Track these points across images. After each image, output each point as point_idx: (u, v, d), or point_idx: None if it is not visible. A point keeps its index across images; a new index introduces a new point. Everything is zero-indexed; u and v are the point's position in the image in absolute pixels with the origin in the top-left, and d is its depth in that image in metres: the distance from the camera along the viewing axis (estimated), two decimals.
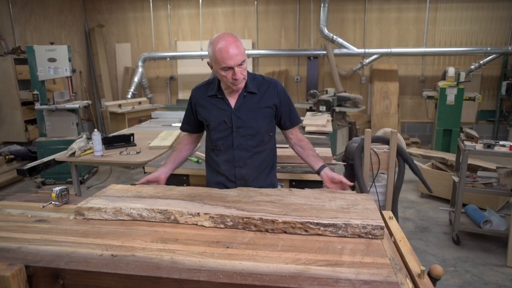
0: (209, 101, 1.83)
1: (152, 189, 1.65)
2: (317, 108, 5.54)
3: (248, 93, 1.80)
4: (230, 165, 1.85)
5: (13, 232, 1.32)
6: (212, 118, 1.82)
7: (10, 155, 5.29)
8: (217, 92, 1.81)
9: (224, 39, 1.61)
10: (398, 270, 1.09)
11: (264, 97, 1.81)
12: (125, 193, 1.59)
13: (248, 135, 1.81)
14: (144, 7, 7.65)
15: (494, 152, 3.10)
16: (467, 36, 6.92)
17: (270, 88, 1.82)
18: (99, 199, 1.52)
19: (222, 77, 1.69)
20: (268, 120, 1.84)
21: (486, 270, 2.90)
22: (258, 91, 1.81)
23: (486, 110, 7.14)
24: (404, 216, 3.91)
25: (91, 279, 1.08)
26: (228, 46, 1.60)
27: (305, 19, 7.32)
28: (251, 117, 1.79)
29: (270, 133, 1.88)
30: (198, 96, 1.86)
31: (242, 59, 1.64)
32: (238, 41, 1.64)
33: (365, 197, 1.53)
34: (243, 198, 1.50)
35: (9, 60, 5.31)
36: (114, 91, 8.06)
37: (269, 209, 1.38)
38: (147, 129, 4.15)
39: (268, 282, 1.01)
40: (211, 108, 1.82)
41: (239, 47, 1.62)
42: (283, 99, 1.85)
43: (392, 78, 7.14)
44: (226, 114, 1.80)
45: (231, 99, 1.81)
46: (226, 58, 1.60)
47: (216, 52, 1.61)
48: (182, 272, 1.05)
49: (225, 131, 1.81)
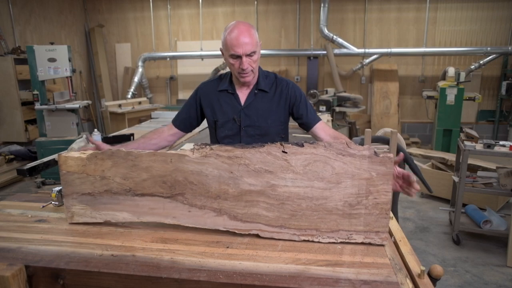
0: (219, 96, 1.75)
1: (114, 169, 1.32)
2: (317, 108, 5.54)
3: (259, 91, 1.73)
4: None
5: (13, 232, 1.32)
6: (221, 114, 1.75)
7: (10, 155, 5.29)
8: (228, 87, 1.74)
9: (237, 27, 1.58)
10: (398, 270, 1.09)
11: (276, 97, 1.74)
12: (89, 182, 1.35)
13: (256, 135, 1.73)
14: (144, 7, 7.65)
15: (494, 152, 3.10)
16: (467, 36, 6.92)
17: (283, 88, 1.75)
18: (73, 200, 1.38)
19: (230, 66, 1.64)
20: (278, 121, 1.76)
21: (486, 270, 2.89)
22: (270, 90, 1.74)
23: (486, 110, 7.14)
24: (404, 216, 3.91)
25: (91, 279, 1.08)
26: (239, 33, 1.56)
27: (305, 19, 7.32)
28: (260, 116, 1.72)
29: (281, 135, 1.80)
30: (207, 90, 1.79)
31: (252, 50, 1.58)
32: (251, 30, 1.59)
33: (384, 173, 1.18)
34: (229, 188, 1.25)
35: (9, 60, 5.31)
36: (114, 91, 8.06)
37: (264, 214, 1.24)
38: (147, 129, 4.15)
39: (268, 282, 1.01)
40: (221, 103, 1.75)
41: (251, 37, 1.57)
42: (297, 98, 1.76)
43: (392, 78, 7.14)
44: (235, 111, 1.73)
45: (242, 95, 1.74)
46: (235, 45, 1.55)
47: (227, 38, 1.58)
48: (182, 272, 1.05)
49: (232, 129, 1.74)
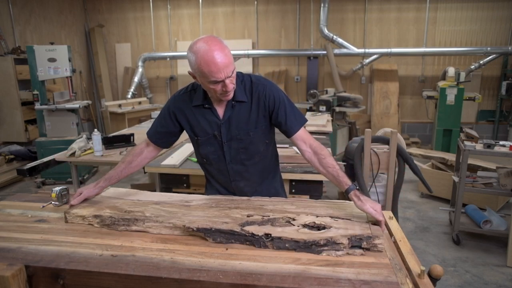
0: (194, 112, 1.58)
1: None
2: (317, 108, 5.54)
3: (236, 102, 1.55)
4: (226, 179, 1.68)
5: (13, 232, 1.32)
6: (200, 131, 1.60)
7: (10, 155, 5.28)
8: (204, 102, 1.56)
9: (209, 47, 1.33)
10: (398, 270, 1.09)
11: (254, 105, 1.56)
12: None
13: (240, 148, 1.60)
14: (144, 7, 7.65)
15: (494, 152, 3.10)
16: (467, 36, 6.92)
17: (260, 93, 1.55)
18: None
19: (210, 90, 1.45)
20: (261, 130, 1.60)
21: (486, 270, 2.89)
22: (247, 99, 1.56)
23: (486, 110, 7.14)
24: (404, 216, 3.90)
25: (91, 279, 1.08)
26: (215, 56, 1.33)
27: (305, 19, 7.31)
28: (241, 129, 1.57)
29: (265, 141, 1.65)
30: (180, 106, 1.60)
31: (232, 69, 1.39)
32: (225, 48, 1.36)
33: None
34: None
35: (9, 60, 5.30)
36: (114, 91, 8.06)
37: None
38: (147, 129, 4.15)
39: (268, 282, 1.01)
40: (198, 120, 1.59)
41: (227, 55, 1.36)
42: (276, 102, 1.55)
43: (392, 78, 7.14)
44: (215, 127, 1.57)
45: (219, 109, 1.57)
46: (214, 71, 1.34)
47: (201, 65, 1.35)
48: (182, 272, 1.05)
49: (215, 145, 1.61)
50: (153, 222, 1.32)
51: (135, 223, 1.33)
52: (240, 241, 1.23)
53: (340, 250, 1.16)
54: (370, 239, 1.17)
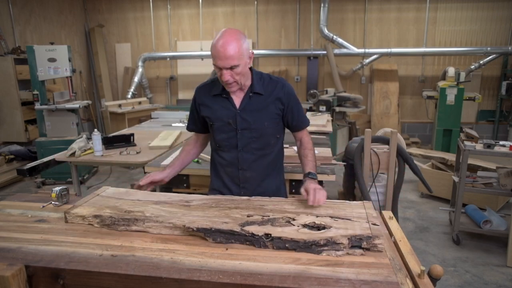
0: (213, 100, 1.75)
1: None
2: (317, 108, 5.54)
3: (254, 94, 1.71)
4: (234, 167, 1.78)
5: (13, 232, 1.32)
6: (216, 118, 1.74)
7: (10, 155, 5.28)
8: (222, 92, 1.71)
9: (223, 37, 1.52)
10: (398, 270, 1.09)
11: (271, 98, 1.73)
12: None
13: (253, 137, 1.73)
14: (144, 7, 7.65)
15: (494, 152, 3.10)
16: (467, 36, 6.92)
17: (277, 88, 1.73)
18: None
19: (217, 73, 1.63)
20: (274, 122, 1.75)
21: (486, 270, 2.89)
22: (265, 92, 1.72)
23: (486, 110, 7.14)
24: (404, 216, 3.91)
25: (91, 279, 1.08)
26: (222, 45, 1.51)
27: (305, 19, 7.31)
28: (256, 119, 1.71)
29: (277, 135, 1.80)
30: (202, 95, 1.79)
31: (234, 64, 1.53)
32: (236, 43, 1.52)
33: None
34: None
35: (9, 60, 5.30)
36: (114, 91, 8.06)
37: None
38: (147, 129, 4.15)
39: (268, 282, 1.01)
40: (216, 107, 1.74)
41: (235, 50, 1.51)
42: (291, 100, 1.75)
43: (392, 78, 7.14)
44: (231, 115, 1.71)
45: (236, 99, 1.72)
46: (216, 57, 1.53)
47: (212, 47, 1.55)
48: (182, 272, 1.05)
49: (229, 132, 1.74)
50: (153, 222, 1.32)
51: (135, 223, 1.33)
52: (240, 241, 1.23)
53: (340, 250, 1.16)
54: (370, 239, 1.17)
